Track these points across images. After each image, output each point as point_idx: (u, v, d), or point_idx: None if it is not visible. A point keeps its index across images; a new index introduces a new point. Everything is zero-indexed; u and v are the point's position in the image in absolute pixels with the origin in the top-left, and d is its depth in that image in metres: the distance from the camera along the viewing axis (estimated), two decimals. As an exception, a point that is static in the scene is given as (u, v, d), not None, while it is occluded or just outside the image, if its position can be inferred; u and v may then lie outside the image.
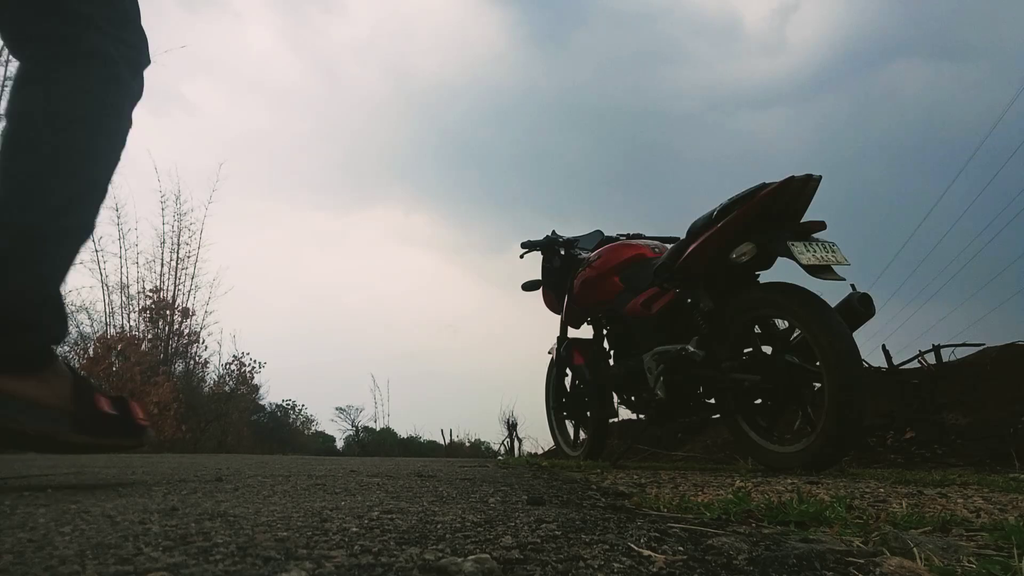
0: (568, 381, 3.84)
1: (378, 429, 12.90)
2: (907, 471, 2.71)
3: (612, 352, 3.42)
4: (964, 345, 4.74)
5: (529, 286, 3.95)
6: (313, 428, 14.88)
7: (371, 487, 1.50)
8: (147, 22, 1.59)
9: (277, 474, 1.92)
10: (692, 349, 2.64)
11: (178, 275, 10.16)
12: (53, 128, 1.21)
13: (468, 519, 0.96)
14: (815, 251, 2.24)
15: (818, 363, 2.27)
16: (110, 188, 1.32)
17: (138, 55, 1.34)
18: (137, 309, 9.35)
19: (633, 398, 3.23)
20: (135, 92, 1.33)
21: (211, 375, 10.86)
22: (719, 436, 4.65)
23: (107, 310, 8.66)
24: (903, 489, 1.67)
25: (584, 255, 3.55)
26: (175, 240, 10.19)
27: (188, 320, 10.22)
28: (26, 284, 1.18)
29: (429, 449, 12.02)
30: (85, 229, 1.29)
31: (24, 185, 1.18)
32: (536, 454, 7.53)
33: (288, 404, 14.08)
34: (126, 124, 1.31)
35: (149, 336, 9.29)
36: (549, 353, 3.96)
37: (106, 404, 1.27)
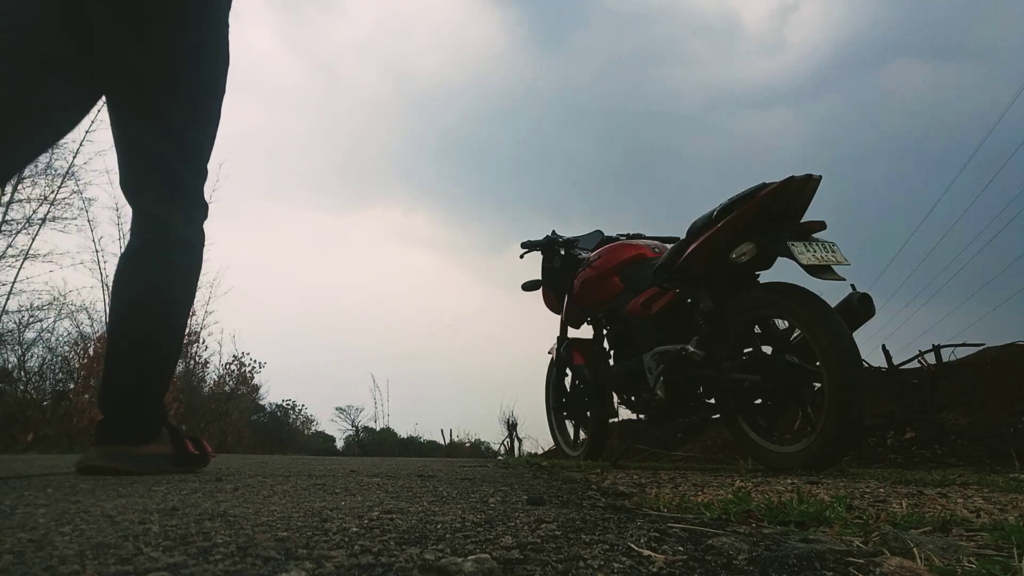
0: (568, 381, 3.84)
1: (378, 429, 12.89)
2: (907, 471, 2.71)
3: (612, 352, 3.42)
4: (964, 345, 4.75)
5: (529, 286, 3.95)
6: (313, 428, 14.88)
7: (371, 487, 1.50)
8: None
9: (277, 474, 1.92)
10: (692, 349, 2.64)
11: (178, 275, 10.14)
12: (173, 308, 1.84)
13: (468, 519, 0.96)
14: (815, 251, 2.24)
15: (818, 363, 2.27)
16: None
17: (201, 229, 1.89)
18: (137, 309, 9.33)
19: (633, 398, 3.22)
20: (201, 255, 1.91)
21: (211, 375, 10.86)
22: (719, 436, 4.64)
23: (107, 310, 8.66)
24: (903, 489, 1.67)
25: (584, 255, 3.54)
26: (175, 240, 10.20)
27: (188, 320, 10.18)
28: (155, 399, 1.82)
29: (429, 449, 12.01)
30: (178, 352, 1.95)
31: (149, 339, 1.78)
32: (536, 454, 7.53)
33: (288, 404, 14.08)
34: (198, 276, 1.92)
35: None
36: (549, 353, 3.96)
37: (190, 445, 1.87)
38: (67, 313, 8.06)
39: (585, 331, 3.68)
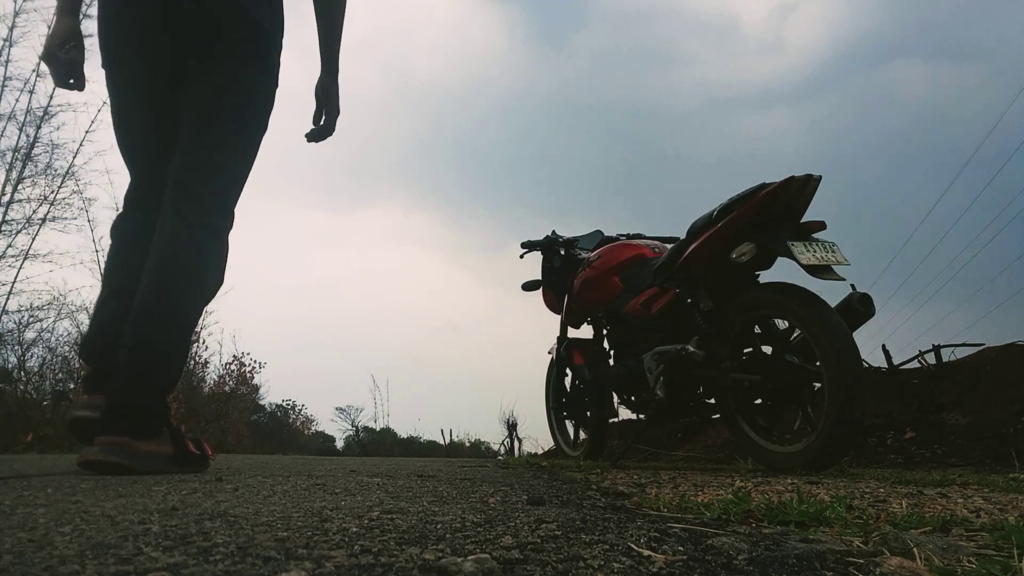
0: (568, 381, 3.84)
1: (378, 429, 12.88)
2: (907, 471, 2.71)
3: (612, 352, 3.42)
4: (964, 345, 4.74)
5: (529, 286, 3.95)
6: (313, 428, 14.87)
7: (371, 487, 1.50)
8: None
9: (277, 474, 1.92)
10: (692, 349, 2.64)
11: (178, 275, 10.12)
12: (177, 303, 1.85)
13: (468, 519, 0.96)
14: (815, 251, 2.24)
15: (818, 363, 2.27)
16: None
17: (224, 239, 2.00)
18: (137, 309, 9.32)
19: (633, 398, 3.22)
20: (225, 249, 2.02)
21: (211, 375, 10.84)
22: (719, 436, 4.64)
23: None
24: (903, 489, 1.67)
25: (584, 255, 3.54)
26: (175, 240, 10.18)
27: (194, 320, 10.13)
28: (157, 393, 1.81)
29: (429, 449, 12.00)
30: (182, 349, 1.94)
31: (153, 329, 1.80)
32: (536, 454, 7.53)
33: (288, 404, 14.07)
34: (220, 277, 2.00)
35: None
36: (549, 353, 3.96)
37: (191, 446, 1.89)
38: (67, 313, 8.04)
39: (585, 331, 3.69)
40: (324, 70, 2.23)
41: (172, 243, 1.84)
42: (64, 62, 1.91)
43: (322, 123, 2.24)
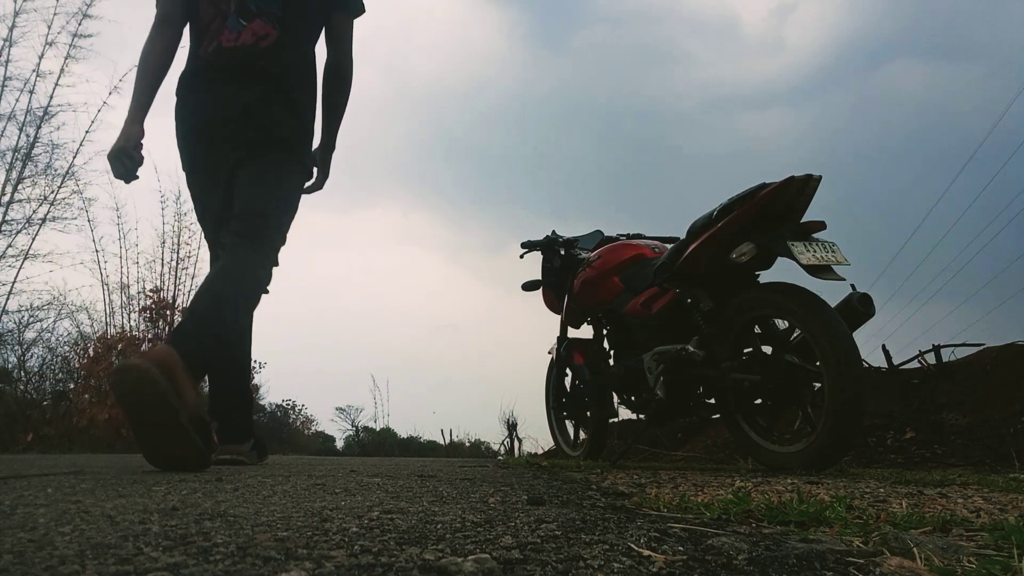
0: (568, 381, 3.84)
1: (378, 429, 12.86)
2: (907, 471, 2.71)
3: (612, 352, 3.42)
4: (964, 345, 4.74)
5: (529, 286, 3.95)
6: (313, 428, 14.84)
7: (371, 487, 1.50)
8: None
9: (277, 474, 1.92)
10: (692, 349, 2.64)
11: (178, 275, 10.08)
12: (241, 311, 2.30)
13: (468, 519, 0.96)
14: (815, 251, 2.24)
15: (818, 363, 2.27)
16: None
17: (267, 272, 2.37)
18: (137, 309, 9.29)
19: (633, 398, 3.22)
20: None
21: (211, 375, 10.77)
22: (719, 436, 4.65)
23: (107, 310, 8.62)
24: (903, 489, 1.67)
25: (584, 255, 3.54)
26: (175, 240, 10.13)
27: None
28: (208, 340, 2.07)
29: (429, 449, 11.99)
30: (209, 357, 2.12)
31: (202, 330, 2.06)
32: (536, 454, 7.53)
33: (288, 404, 14.04)
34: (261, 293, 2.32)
35: (149, 336, 9.27)
36: (549, 353, 3.96)
37: (215, 436, 2.11)
38: (67, 313, 8.06)
39: (585, 331, 3.69)
40: (323, 145, 2.70)
41: (230, 257, 2.27)
42: (135, 160, 2.39)
43: (314, 181, 2.73)
